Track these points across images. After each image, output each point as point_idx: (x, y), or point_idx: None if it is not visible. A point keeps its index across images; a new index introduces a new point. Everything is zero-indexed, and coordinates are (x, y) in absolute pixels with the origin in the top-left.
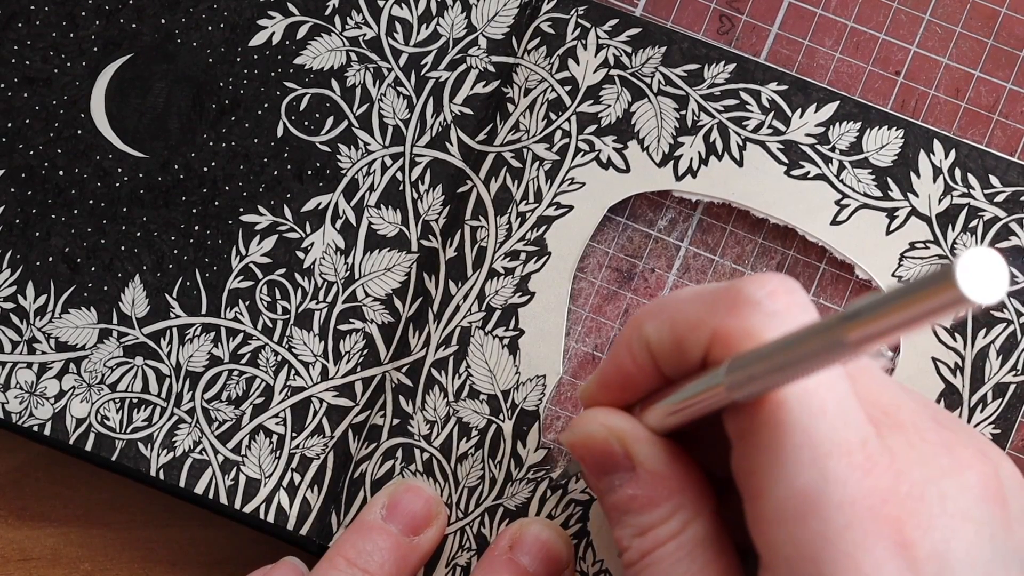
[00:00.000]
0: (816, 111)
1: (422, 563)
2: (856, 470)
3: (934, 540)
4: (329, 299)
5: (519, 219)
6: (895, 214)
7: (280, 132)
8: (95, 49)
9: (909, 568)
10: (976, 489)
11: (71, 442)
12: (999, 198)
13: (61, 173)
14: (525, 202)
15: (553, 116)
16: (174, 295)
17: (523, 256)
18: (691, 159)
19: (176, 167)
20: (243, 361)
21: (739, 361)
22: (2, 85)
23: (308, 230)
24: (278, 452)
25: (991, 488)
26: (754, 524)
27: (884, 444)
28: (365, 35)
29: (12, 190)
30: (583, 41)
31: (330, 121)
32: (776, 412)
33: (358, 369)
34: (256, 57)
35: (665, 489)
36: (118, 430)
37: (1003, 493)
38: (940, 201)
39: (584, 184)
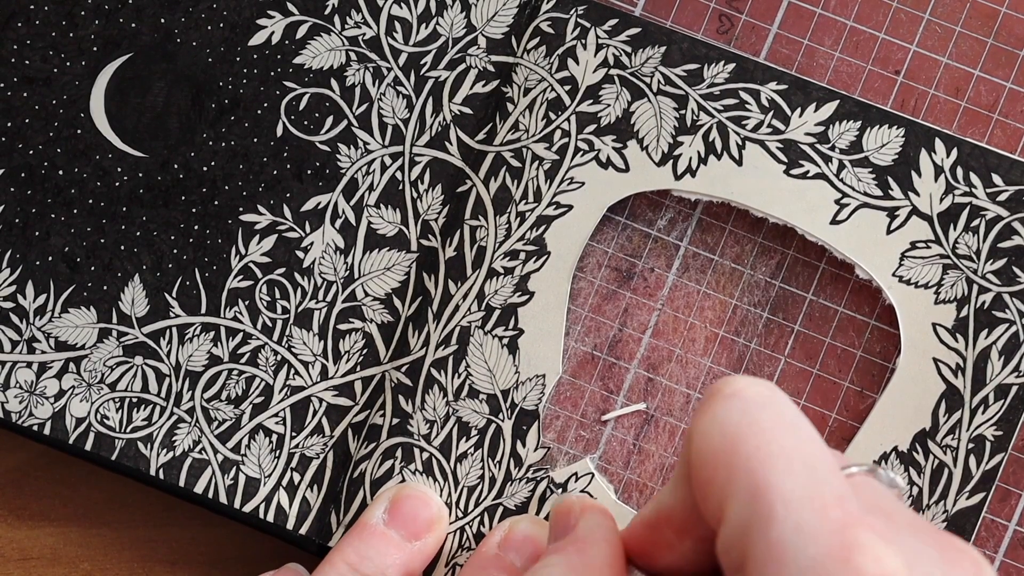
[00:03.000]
0: (816, 110)
1: (423, 567)
2: (834, 525)
3: None
4: (329, 299)
5: (519, 218)
6: (896, 213)
7: (280, 132)
8: (95, 49)
9: None
10: None
11: (71, 441)
12: (1002, 197)
13: (61, 173)
14: (525, 202)
15: (553, 116)
16: (174, 294)
17: (523, 255)
18: (690, 158)
19: (176, 167)
20: (243, 360)
21: None
22: (2, 85)
23: (308, 229)
24: (278, 451)
25: None
26: None
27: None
28: (364, 34)
29: (12, 190)
30: (583, 41)
31: (329, 120)
32: (744, 485)
33: (358, 368)
34: (256, 56)
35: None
36: (118, 429)
37: None
38: (942, 200)
39: (583, 184)
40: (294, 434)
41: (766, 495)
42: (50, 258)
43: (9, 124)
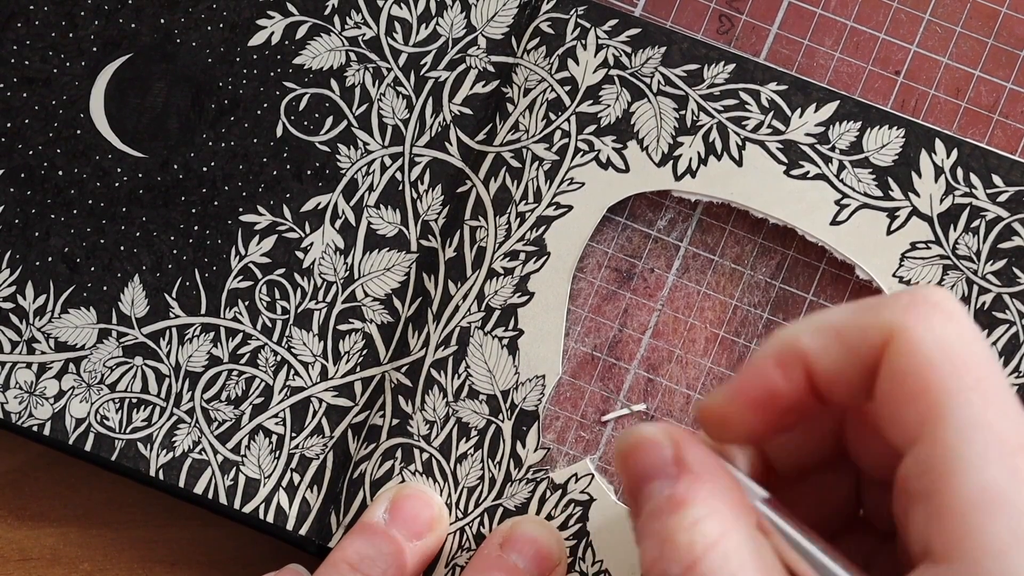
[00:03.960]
0: (816, 111)
1: (424, 567)
2: None
3: None
4: (328, 299)
5: (518, 219)
6: (896, 214)
7: (279, 132)
8: (94, 49)
9: None
10: None
11: (71, 442)
12: (1002, 198)
13: (60, 173)
14: (524, 202)
15: (553, 116)
16: (173, 295)
17: (522, 256)
18: (690, 159)
19: (175, 167)
20: (242, 361)
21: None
22: (1, 85)
23: (307, 230)
24: (277, 452)
25: None
26: (928, 521)
27: None
28: (364, 35)
29: (11, 190)
30: (583, 41)
31: (329, 121)
32: (961, 409)
33: (357, 369)
34: (255, 57)
35: (706, 491)
36: (118, 430)
37: None
38: (942, 201)
39: (583, 184)
40: (294, 435)
41: (982, 432)
42: (50, 258)
43: (9, 124)
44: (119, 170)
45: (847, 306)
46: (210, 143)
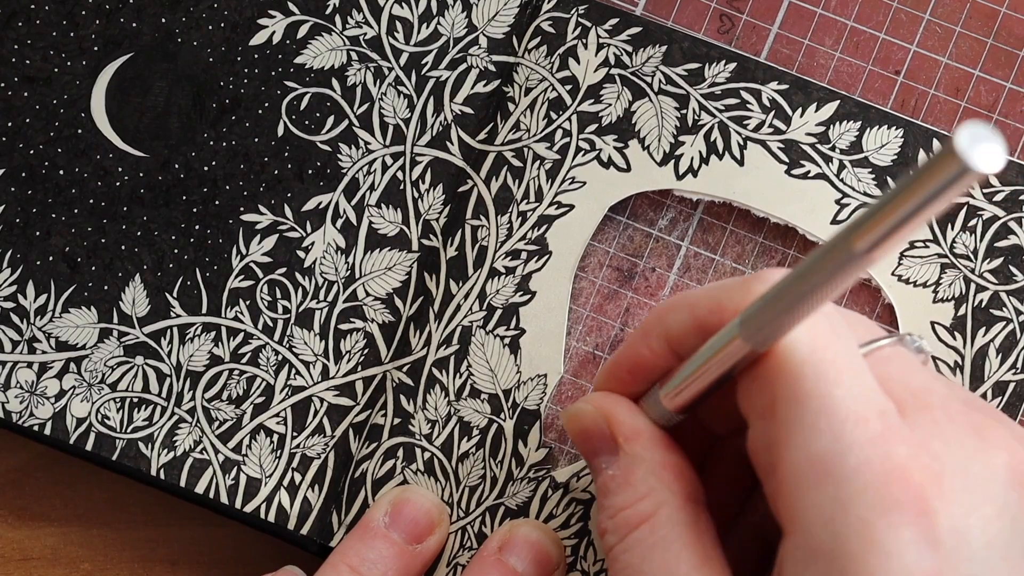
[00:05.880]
0: (816, 110)
1: (424, 569)
2: (873, 437)
3: (953, 514)
4: (330, 298)
5: (520, 218)
6: None
7: (280, 131)
8: (95, 48)
9: (926, 539)
10: (1002, 472)
11: (71, 442)
12: (998, 197)
13: (61, 172)
14: (526, 201)
15: (554, 115)
16: (174, 294)
17: (524, 255)
18: (692, 158)
19: (176, 166)
20: (244, 360)
21: (751, 308)
22: (2, 84)
23: (309, 229)
24: (279, 451)
25: (1019, 473)
26: (773, 497)
27: (905, 419)
28: (366, 34)
29: (12, 189)
30: (584, 40)
31: (331, 120)
32: (793, 384)
33: (359, 368)
34: (256, 56)
35: (642, 470)
36: (118, 430)
37: None
38: None
39: (585, 183)
40: (295, 434)
41: (809, 403)
42: (51, 258)
43: (9, 124)
44: (120, 169)
45: (708, 285)
46: (211, 142)
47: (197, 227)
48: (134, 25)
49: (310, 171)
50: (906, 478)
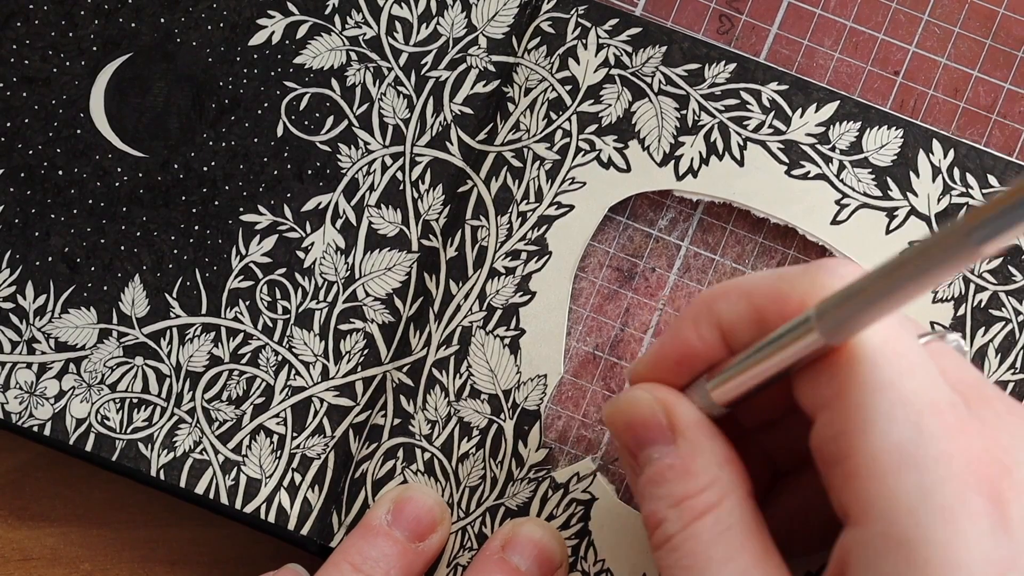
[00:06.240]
0: (816, 111)
1: (426, 568)
2: (950, 428)
3: None
4: (329, 299)
5: (520, 219)
6: (895, 213)
7: (280, 132)
8: (94, 48)
9: (1002, 525)
10: None
11: (71, 442)
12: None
13: (60, 173)
14: (526, 202)
15: (554, 116)
16: (174, 295)
17: (524, 256)
18: (692, 159)
19: (176, 167)
20: (243, 361)
21: (830, 301)
22: (1, 85)
23: (308, 230)
24: (279, 452)
25: None
26: (843, 484)
27: (972, 412)
28: (365, 34)
29: (11, 190)
30: (583, 41)
31: (330, 121)
32: (868, 375)
33: (359, 369)
34: (256, 56)
35: (704, 460)
36: (118, 430)
37: None
38: (939, 200)
39: (585, 184)
40: (295, 435)
41: (885, 393)
42: (50, 258)
43: (9, 124)
44: (119, 170)
45: (763, 272)
46: (210, 143)
47: (196, 227)
48: (133, 25)
49: (310, 171)
50: (983, 470)
